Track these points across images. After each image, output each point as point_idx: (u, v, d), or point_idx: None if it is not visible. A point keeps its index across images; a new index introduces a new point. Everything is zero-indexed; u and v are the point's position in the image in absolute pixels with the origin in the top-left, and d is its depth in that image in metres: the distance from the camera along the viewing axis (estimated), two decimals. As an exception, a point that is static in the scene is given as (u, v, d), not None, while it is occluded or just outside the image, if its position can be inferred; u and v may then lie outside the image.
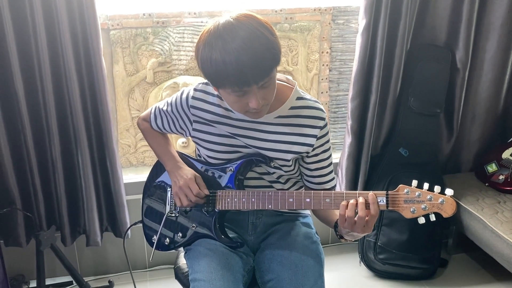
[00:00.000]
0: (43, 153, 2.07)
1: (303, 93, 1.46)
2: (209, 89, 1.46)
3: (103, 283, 2.33)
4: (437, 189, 1.26)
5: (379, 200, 1.28)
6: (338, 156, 2.45)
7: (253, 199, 1.41)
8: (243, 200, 1.42)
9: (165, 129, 1.58)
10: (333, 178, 1.52)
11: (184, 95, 1.48)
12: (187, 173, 1.48)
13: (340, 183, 2.41)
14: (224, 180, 1.47)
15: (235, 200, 1.43)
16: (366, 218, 1.27)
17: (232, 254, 1.47)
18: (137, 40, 2.27)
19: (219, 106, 1.44)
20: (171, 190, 1.54)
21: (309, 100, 1.45)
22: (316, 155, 1.46)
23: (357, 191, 1.33)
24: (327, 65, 2.52)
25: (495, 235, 2.07)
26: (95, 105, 2.05)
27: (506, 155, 2.37)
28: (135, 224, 1.72)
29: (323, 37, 2.47)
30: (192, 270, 1.45)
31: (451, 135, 2.46)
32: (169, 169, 1.53)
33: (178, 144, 2.41)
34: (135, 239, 2.35)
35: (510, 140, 2.46)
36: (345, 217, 1.29)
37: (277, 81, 1.39)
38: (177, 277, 1.60)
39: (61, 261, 2.13)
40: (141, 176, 2.36)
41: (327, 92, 2.56)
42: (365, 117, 2.30)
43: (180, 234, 1.53)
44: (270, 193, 1.40)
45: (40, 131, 2.03)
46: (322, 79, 2.54)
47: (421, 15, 2.25)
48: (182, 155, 1.58)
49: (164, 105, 1.56)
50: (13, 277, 2.27)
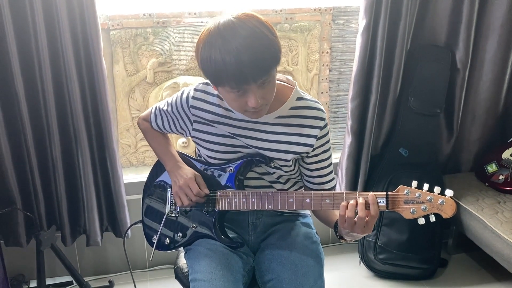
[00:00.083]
0: (43, 153, 2.07)
1: (303, 93, 1.46)
2: (209, 89, 1.46)
3: (103, 283, 2.33)
4: (437, 190, 1.26)
5: (379, 200, 1.29)
6: (338, 156, 2.45)
7: (253, 199, 1.41)
8: (243, 200, 1.42)
9: (165, 129, 1.58)
10: (333, 178, 1.52)
11: (184, 95, 1.48)
12: (187, 172, 1.48)
13: (340, 183, 2.41)
14: (224, 180, 1.47)
15: (235, 200, 1.43)
16: (366, 218, 1.27)
17: (232, 254, 1.47)
18: (137, 40, 2.27)
19: (219, 106, 1.44)
20: (171, 189, 1.54)
21: (309, 100, 1.45)
22: (316, 155, 1.46)
23: (357, 192, 1.33)
24: (327, 65, 2.52)
25: (495, 235, 2.07)
26: (96, 105, 2.05)
27: (506, 155, 2.37)
28: (135, 224, 1.72)
29: (323, 37, 2.47)
30: (192, 270, 1.45)
31: (451, 135, 2.46)
32: (169, 168, 1.54)
33: (178, 144, 2.41)
34: (135, 239, 2.35)
35: (510, 140, 2.46)
36: (345, 218, 1.29)
37: (277, 81, 1.39)
38: (177, 277, 1.60)
39: (61, 261, 2.13)
40: (141, 176, 2.36)
41: (327, 92, 2.56)
42: (365, 117, 2.30)
43: (180, 234, 1.53)
44: (270, 194, 1.40)
45: (40, 131, 2.03)
46: (322, 79, 2.54)
47: (421, 16, 2.25)
48: (182, 155, 1.58)
49: (164, 105, 1.56)
50: (13, 277, 2.27)
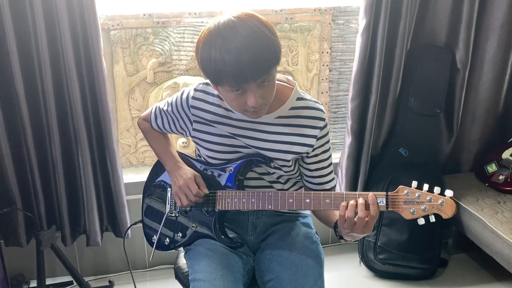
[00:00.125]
0: (43, 153, 2.07)
1: (303, 93, 1.46)
2: (209, 89, 1.46)
3: (103, 283, 2.33)
4: (437, 190, 1.26)
5: (379, 201, 1.29)
6: (338, 156, 2.45)
7: (253, 200, 1.41)
8: (243, 200, 1.42)
9: (165, 129, 1.58)
10: (333, 178, 1.52)
11: (184, 95, 1.48)
12: (187, 172, 1.48)
13: (340, 183, 2.41)
14: (224, 180, 1.47)
15: (235, 200, 1.43)
16: (365, 219, 1.28)
17: (232, 254, 1.47)
18: (137, 40, 2.27)
19: (219, 106, 1.44)
20: (171, 189, 1.54)
21: (309, 100, 1.45)
22: (316, 155, 1.46)
23: (357, 192, 1.34)
24: (327, 65, 2.52)
25: (495, 235, 2.07)
26: (96, 105, 2.05)
27: (506, 155, 2.37)
28: (135, 224, 1.72)
29: (323, 37, 2.47)
30: (192, 270, 1.46)
31: (451, 135, 2.46)
32: (169, 168, 1.54)
33: (178, 144, 2.41)
34: (135, 239, 2.35)
35: (510, 140, 2.46)
36: (344, 218, 1.29)
37: (277, 81, 1.39)
38: (177, 277, 1.60)
39: (61, 261, 2.13)
40: (141, 176, 2.36)
41: (327, 92, 2.56)
42: (365, 117, 2.30)
43: (180, 234, 1.53)
44: (270, 194, 1.40)
45: (40, 131, 2.03)
46: (322, 79, 2.54)
47: (421, 15, 2.25)
48: (182, 155, 1.58)
49: (164, 105, 1.56)
50: (13, 277, 2.27)
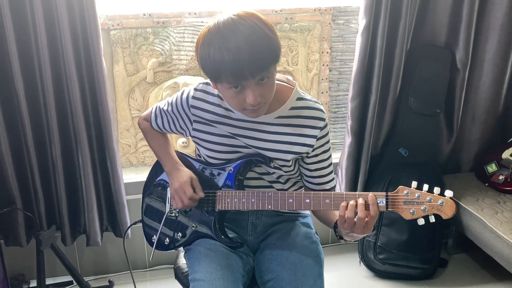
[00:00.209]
0: (43, 153, 2.07)
1: (303, 93, 1.46)
2: (209, 89, 1.46)
3: (103, 282, 2.33)
4: (436, 190, 1.26)
5: (378, 201, 1.29)
6: (338, 156, 2.45)
7: (253, 200, 1.41)
8: (243, 200, 1.42)
9: (165, 128, 1.58)
10: (333, 178, 1.52)
11: (184, 95, 1.48)
12: (183, 175, 1.48)
13: (340, 183, 2.41)
14: (224, 180, 1.47)
15: (235, 200, 1.43)
16: (365, 219, 1.28)
17: (232, 254, 1.47)
18: (137, 40, 2.27)
19: (219, 106, 1.44)
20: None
21: (309, 100, 1.45)
22: (316, 155, 1.46)
23: (357, 192, 1.33)
24: (327, 65, 2.52)
25: (494, 235, 2.07)
26: (96, 105, 2.05)
27: (506, 155, 2.36)
28: (135, 223, 1.72)
29: (323, 37, 2.47)
30: (192, 270, 1.46)
31: (451, 135, 2.46)
32: (167, 169, 1.54)
33: (178, 144, 2.41)
34: (135, 239, 2.35)
35: (510, 140, 2.46)
36: (344, 218, 1.29)
37: (277, 81, 1.40)
38: (177, 277, 1.60)
39: (61, 261, 2.13)
40: (141, 176, 2.36)
41: (327, 92, 2.56)
42: (365, 117, 2.30)
43: (180, 233, 1.53)
44: (270, 194, 1.40)
45: (40, 131, 2.03)
46: (322, 79, 2.54)
47: (421, 15, 2.25)
48: (181, 155, 1.58)
49: (164, 105, 1.56)
50: (13, 276, 2.27)
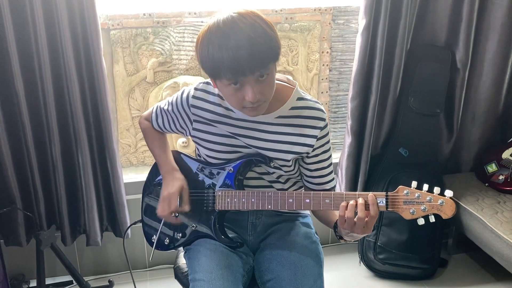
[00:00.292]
0: (43, 152, 2.07)
1: (303, 93, 1.46)
2: (209, 88, 1.46)
3: (103, 282, 2.33)
4: (436, 190, 1.26)
5: (378, 201, 1.29)
6: (338, 156, 2.45)
7: (253, 199, 1.41)
8: (243, 200, 1.42)
9: (165, 128, 1.58)
10: (333, 178, 1.52)
11: (184, 94, 1.48)
12: (175, 184, 1.48)
13: (340, 183, 2.41)
14: (223, 180, 1.47)
15: (235, 200, 1.43)
16: (365, 219, 1.27)
17: (231, 254, 1.47)
18: (137, 40, 2.27)
19: (219, 105, 1.44)
20: None
21: (310, 100, 1.45)
22: (316, 155, 1.46)
23: (357, 192, 1.33)
24: (327, 65, 2.52)
25: (494, 235, 2.07)
26: (96, 104, 2.05)
27: (506, 155, 2.37)
28: (135, 223, 1.72)
29: (323, 37, 2.47)
30: (191, 270, 1.46)
31: (451, 135, 2.46)
32: (163, 173, 1.54)
33: (178, 144, 2.41)
34: (135, 239, 2.35)
35: (510, 140, 2.46)
36: (344, 218, 1.29)
37: (277, 81, 1.40)
38: (177, 277, 1.60)
39: (61, 261, 2.13)
40: (141, 175, 2.36)
41: (327, 92, 2.56)
42: (365, 117, 2.30)
43: (180, 233, 1.53)
44: (269, 194, 1.40)
45: (40, 131, 2.03)
46: (322, 79, 2.54)
47: (421, 15, 2.25)
48: (181, 155, 1.58)
49: (165, 105, 1.56)
50: (13, 276, 2.27)
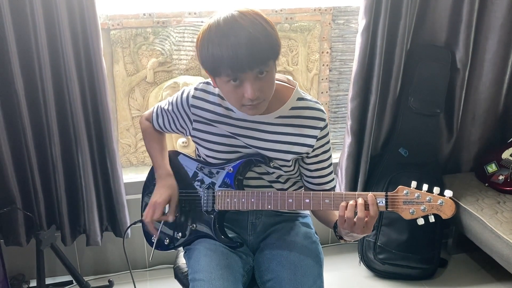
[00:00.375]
0: (43, 152, 2.07)
1: (303, 93, 1.46)
2: (209, 88, 1.46)
3: (103, 282, 2.33)
4: (436, 190, 1.26)
5: (378, 201, 1.29)
6: (338, 156, 2.45)
7: (253, 200, 1.41)
8: (243, 200, 1.42)
9: (166, 128, 1.58)
10: (333, 179, 1.52)
11: (184, 94, 1.49)
12: (164, 193, 1.48)
13: (340, 183, 2.41)
14: (223, 180, 1.47)
15: (235, 200, 1.43)
16: (365, 219, 1.28)
17: (231, 254, 1.47)
18: (137, 40, 2.27)
19: (219, 105, 1.44)
20: None
21: (310, 101, 1.45)
22: (316, 156, 1.46)
23: (357, 192, 1.33)
24: (327, 65, 2.52)
25: (494, 235, 2.07)
26: (95, 104, 2.05)
27: (506, 155, 2.36)
28: (134, 223, 1.72)
29: (323, 37, 2.47)
30: (191, 269, 1.46)
31: (451, 135, 2.46)
32: (156, 177, 1.55)
33: (178, 144, 2.41)
34: (135, 239, 2.35)
35: (510, 140, 2.45)
36: (344, 218, 1.29)
37: (278, 81, 1.40)
38: (177, 277, 1.60)
39: (61, 261, 2.13)
40: (141, 175, 2.36)
41: (327, 92, 2.56)
42: (365, 117, 2.30)
43: (179, 233, 1.53)
44: (269, 194, 1.40)
45: (40, 131, 2.03)
46: (322, 79, 2.54)
47: (421, 15, 2.25)
48: (181, 155, 1.59)
49: (165, 104, 1.56)
50: (13, 276, 2.27)
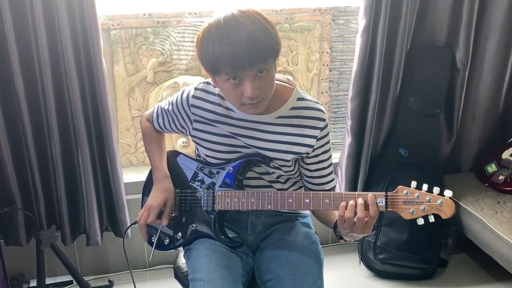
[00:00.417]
0: (43, 152, 2.07)
1: (304, 93, 1.46)
2: (209, 88, 1.46)
3: (103, 282, 2.33)
4: (436, 190, 1.26)
5: (378, 201, 1.29)
6: (338, 156, 2.45)
7: (253, 200, 1.41)
8: (243, 200, 1.42)
9: (166, 128, 1.59)
10: (333, 179, 1.52)
11: (184, 94, 1.49)
12: (159, 196, 1.48)
13: (340, 183, 2.41)
14: (223, 180, 1.47)
15: (235, 200, 1.43)
16: (365, 219, 1.28)
17: (231, 254, 1.47)
18: (137, 40, 2.27)
19: (220, 105, 1.44)
20: None
21: (310, 101, 1.45)
22: (316, 156, 1.46)
23: (356, 192, 1.33)
24: (327, 65, 2.52)
25: (494, 235, 2.07)
26: (96, 104, 2.05)
27: (506, 155, 2.36)
28: (135, 223, 1.71)
29: (323, 37, 2.47)
30: (191, 269, 1.46)
31: (451, 135, 2.46)
32: (154, 179, 1.56)
33: (178, 143, 2.41)
34: (135, 239, 2.35)
35: (510, 140, 2.46)
36: (344, 218, 1.29)
37: (278, 81, 1.40)
38: (177, 277, 1.61)
39: (61, 261, 2.13)
40: (141, 175, 2.36)
41: (327, 92, 2.56)
42: (365, 117, 2.30)
43: (179, 233, 1.53)
44: (269, 194, 1.40)
45: (40, 131, 2.03)
46: (322, 79, 2.54)
47: (421, 15, 2.25)
48: (181, 155, 1.59)
49: (166, 104, 1.56)
50: (13, 276, 2.27)
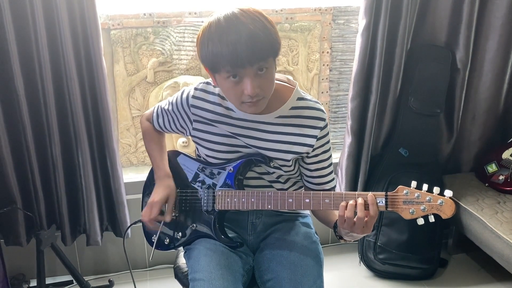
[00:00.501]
0: (43, 152, 2.07)
1: (304, 93, 1.46)
2: (209, 88, 1.46)
3: (103, 282, 2.33)
4: (436, 190, 1.26)
5: (378, 201, 1.29)
6: (338, 156, 2.45)
7: (253, 199, 1.41)
8: (243, 200, 1.42)
9: (166, 128, 1.59)
10: (333, 179, 1.52)
11: (184, 94, 1.49)
12: (162, 193, 1.49)
13: (340, 183, 2.41)
14: (223, 179, 1.47)
15: (235, 200, 1.43)
16: (365, 219, 1.28)
17: (231, 253, 1.47)
18: (137, 39, 2.27)
19: (220, 105, 1.44)
20: None
21: (310, 100, 1.45)
22: (316, 155, 1.46)
23: (356, 192, 1.33)
24: (327, 65, 2.52)
25: (494, 236, 2.07)
26: (96, 104, 2.05)
27: (506, 155, 2.36)
28: (135, 223, 1.72)
29: (324, 37, 2.47)
30: (191, 269, 1.46)
31: (451, 135, 2.46)
32: (155, 178, 1.56)
33: (178, 143, 2.41)
34: (135, 239, 2.35)
35: (510, 140, 2.46)
36: (344, 218, 1.29)
37: (278, 81, 1.40)
38: (177, 277, 1.61)
39: (61, 261, 2.13)
40: (141, 175, 2.36)
41: (327, 92, 2.57)
42: (365, 117, 2.30)
43: (180, 233, 1.53)
44: (269, 194, 1.40)
45: (40, 131, 2.03)
46: (322, 79, 2.54)
47: (421, 15, 2.25)
48: (181, 155, 1.59)
49: (166, 104, 1.56)
50: (13, 276, 2.27)
